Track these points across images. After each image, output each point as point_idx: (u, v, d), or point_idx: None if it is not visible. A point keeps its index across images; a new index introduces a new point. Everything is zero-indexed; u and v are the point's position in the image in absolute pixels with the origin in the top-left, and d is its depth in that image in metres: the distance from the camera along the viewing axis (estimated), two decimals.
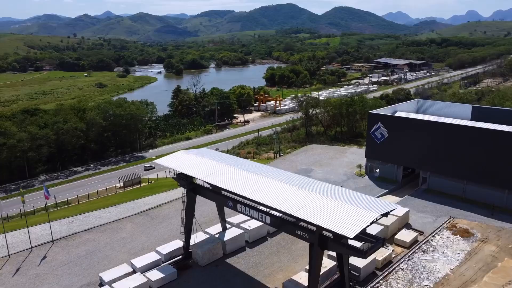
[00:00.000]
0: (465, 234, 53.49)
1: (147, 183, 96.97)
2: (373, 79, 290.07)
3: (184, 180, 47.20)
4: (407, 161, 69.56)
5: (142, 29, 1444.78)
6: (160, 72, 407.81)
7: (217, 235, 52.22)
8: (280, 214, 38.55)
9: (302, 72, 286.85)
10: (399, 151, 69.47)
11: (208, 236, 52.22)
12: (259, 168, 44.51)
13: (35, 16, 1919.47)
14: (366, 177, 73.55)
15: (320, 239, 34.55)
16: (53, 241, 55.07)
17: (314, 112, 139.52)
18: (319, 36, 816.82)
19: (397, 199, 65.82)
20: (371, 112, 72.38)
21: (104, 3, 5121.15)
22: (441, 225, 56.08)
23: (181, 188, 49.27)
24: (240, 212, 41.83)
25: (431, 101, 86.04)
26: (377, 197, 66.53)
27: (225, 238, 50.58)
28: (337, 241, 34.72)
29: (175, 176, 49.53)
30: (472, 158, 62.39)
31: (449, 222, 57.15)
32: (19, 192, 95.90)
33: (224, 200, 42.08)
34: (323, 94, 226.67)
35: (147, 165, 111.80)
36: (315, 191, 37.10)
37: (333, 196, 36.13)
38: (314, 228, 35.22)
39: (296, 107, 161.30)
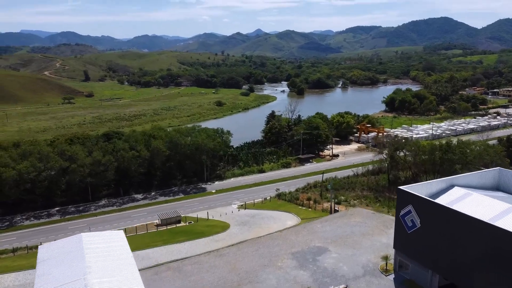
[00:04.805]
0: None
1: (186, 223, 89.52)
2: None
3: None
4: (444, 268, 46.29)
5: (286, 46, 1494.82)
6: (283, 91, 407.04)
7: None
8: None
9: (428, 97, 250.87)
10: (434, 252, 46.82)
11: None
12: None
13: (197, 34, 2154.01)
14: (392, 276, 51.99)
15: None
16: None
17: (401, 154, 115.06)
18: (472, 53, 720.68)
19: None
20: (401, 189, 50.63)
21: (256, 21, 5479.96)
22: None
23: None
24: None
25: None
26: None
27: None
28: None
29: None
30: None
31: None
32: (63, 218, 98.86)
33: None
34: (444, 125, 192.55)
35: None
36: None
37: None
38: None
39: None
